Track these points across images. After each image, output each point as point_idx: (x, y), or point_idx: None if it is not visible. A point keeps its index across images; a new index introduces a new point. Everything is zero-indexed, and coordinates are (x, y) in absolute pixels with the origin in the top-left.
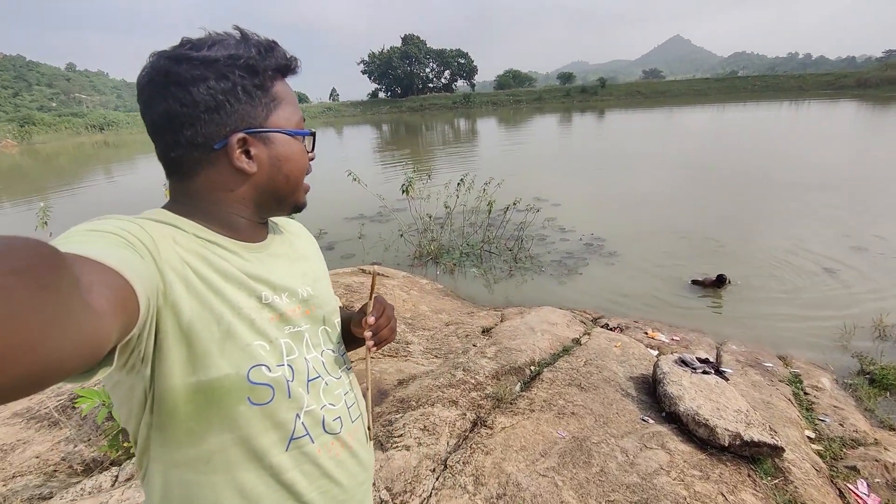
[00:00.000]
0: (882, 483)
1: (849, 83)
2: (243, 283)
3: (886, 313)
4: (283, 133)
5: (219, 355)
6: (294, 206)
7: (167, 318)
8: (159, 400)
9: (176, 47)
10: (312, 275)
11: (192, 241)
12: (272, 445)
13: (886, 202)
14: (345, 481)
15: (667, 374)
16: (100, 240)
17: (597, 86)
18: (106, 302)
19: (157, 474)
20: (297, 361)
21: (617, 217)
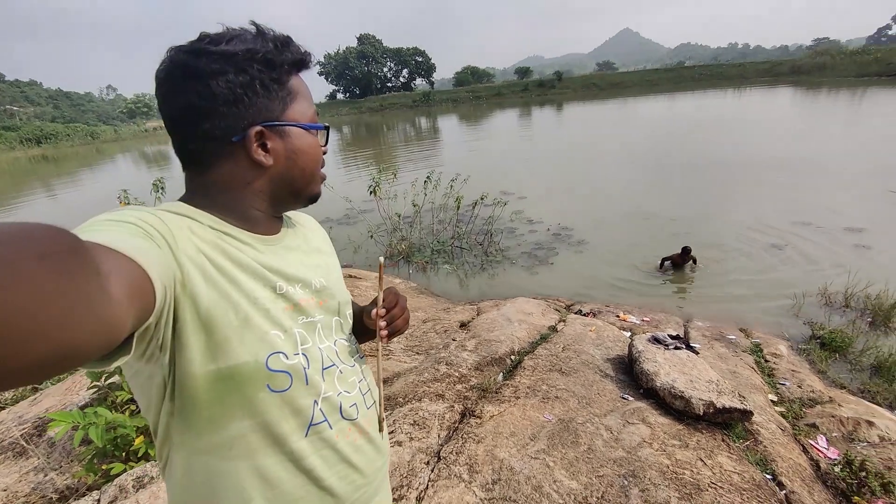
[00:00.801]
0: (839, 437)
1: (784, 70)
2: (258, 273)
3: (830, 282)
4: (299, 126)
5: (238, 343)
6: (310, 197)
7: (186, 308)
8: (180, 388)
9: (194, 42)
10: (325, 267)
11: (209, 232)
12: (292, 431)
13: (823, 179)
14: (363, 466)
15: (642, 353)
16: (119, 229)
17: (553, 79)
18: (123, 290)
19: (179, 462)
20: (311, 350)
21: (582, 206)
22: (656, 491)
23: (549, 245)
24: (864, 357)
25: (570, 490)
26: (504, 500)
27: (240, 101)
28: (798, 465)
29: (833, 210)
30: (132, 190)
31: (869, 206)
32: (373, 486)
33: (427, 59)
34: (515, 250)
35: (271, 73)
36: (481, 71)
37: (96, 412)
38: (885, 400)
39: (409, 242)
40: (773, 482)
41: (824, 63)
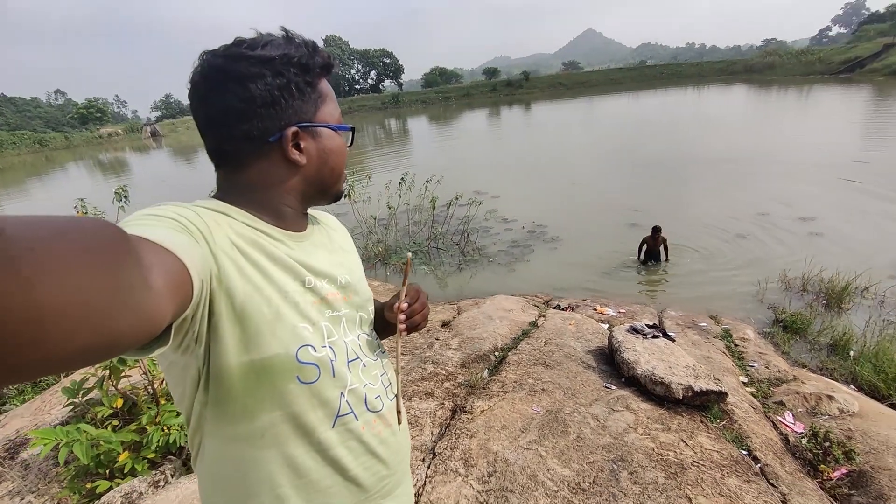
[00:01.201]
0: (804, 412)
1: (738, 69)
2: (290, 266)
3: (789, 268)
4: (330, 127)
5: (270, 335)
6: (335, 195)
7: (221, 301)
8: (215, 378)
9: (230, 46)
10: (349, 265)
11: (243, 227)
12: (319, 422)
13: (778, 172)
14: (387, 458)
15: (622, 343)
16: (160, 223)
17: (521, 79)
18: (163, 282)
19: (211, 450)
20: (337, 343)
21: (555, 203)
22: (644, 473)
23: (524, 243)
24: (822, 337)
25: (563, 477)
26: (501, 490)
27: (277, 103)
28: (770, 440)
29: (788, 201)
30: (90, 200)
31: (819, 196)
32: (396, 478)
33: (395, 60)
34: (492, 249)
35: (305, 76)
36: (449, 72)
37: (79, 428)
38: (841, 375)
39: (386, 245)
40: (748, 457)
41: (773, 62)
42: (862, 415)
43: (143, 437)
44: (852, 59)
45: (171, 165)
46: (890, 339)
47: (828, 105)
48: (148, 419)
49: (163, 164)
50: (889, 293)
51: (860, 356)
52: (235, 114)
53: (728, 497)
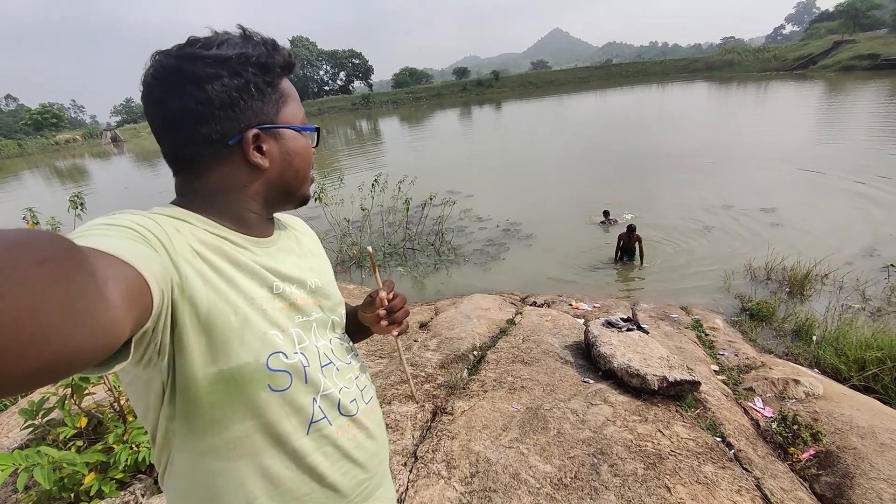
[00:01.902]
0: (772, 397)
1: (699, 67)
2: (256, 273)
3: (753, 258)
4: (293, 128)
5: (238, 344)
6: (301, 199)
7: (185, 311)
8: (182, 391)
9: (184, 46)
10: (319, 269)
11: (205, 234)
12: (293, 430)
13: (740, 165)
14: (364, 461)
15: (598, 337)
16: (115, 234)
17: (491, 79)
18: (120, 295)
19: (181, 466)
20: (308, 349)
21: (528, 201)
22: (623, 465)
23: (499, 241)
24: (786, 323)
25: (545, 474)
26: (484, 490)
27: (235, 104)
28: (742, 426)
29: (750, 193)
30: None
31: (778, 188)
32: (375, 480)
33: (364, 61)
34: (467, 248)
35: (265, 76)
36: (420, 72)
37: (39, 451)
38: (805, 360)
39: (360, 247)
40: (722, 444)
41: (732, 60)
42: (826, 397)
43: (111, 457)
44: (805, 56)
45: (133, 172)
46: (849, 324)
47: (785, 100)
48: (115, 438)
49: (125, 170)
50: (847, 279)
51: (822, 340)
52: (192, 116)
53: (705, 484)
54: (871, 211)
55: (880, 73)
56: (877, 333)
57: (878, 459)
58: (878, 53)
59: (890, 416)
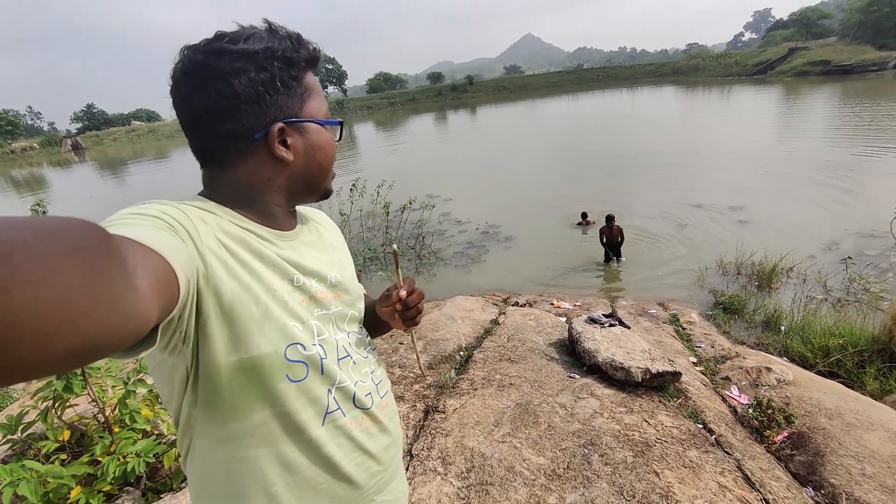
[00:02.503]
0: (747, 384)
1: (667, 71)
2: (278, 265)
3: (724, 254)
4: (317, 122)
5: (259, 334)
6: (324, 192)
7: (209, 301)
8: (204, 378)
9: (211, 41)
10: (339, 263)
11: (230, 226)
12: (310, 420)
13: (708, 165)
14: (378, 454)
15: (581, 333)
16: (144, 223)
17: (465, 83)
18: (148, 283)
19: (201, 451)
20: (327, 341)
21: (506, 204)
22: (613, 454)
23: (479, 243)
24: (757, 315)
25: (539, 465)
26: (481, 484)
27: (262, 98)
28: (721, 413)
29: (718, 192)
30: None
31: (745, 186)
32: (388, 473)
33: (338, 66)
34: (448, 251)
35: (290, 70)
36: (394, 77)
37: (23, 465)
38: (775, 349)
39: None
40: (704, 430)
41: (697, 65)
42: (796, 383)
43: (97, 469)
44: (764, 62)
45: (97, 180)
46: (813, 314)
47: (747, 103)
48: (102, 449)
49: (88, 179)
50: (809, 272)
51: (790, 330)
52: (219, 111)
53: (691, 468)
54: (829, 207)
55: (832, 77)
56: (838, 322)
57: (845, 438)
58: (829, 60)
59: (853, 397)
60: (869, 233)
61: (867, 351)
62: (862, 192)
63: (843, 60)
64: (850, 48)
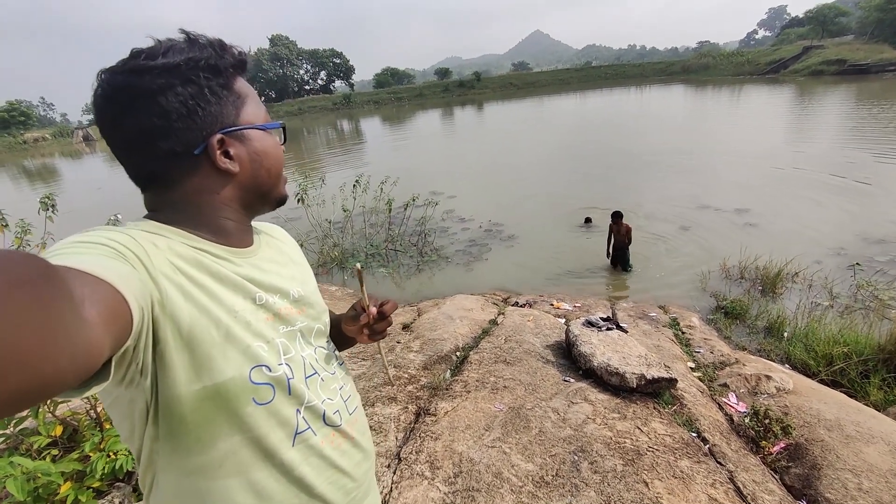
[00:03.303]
0: (745, 392)
1: (676, 70)
2: (237, 284)
3: (728, 257)
4: (256, 128)
5: (221, 359)
6: (277, 199)
7: (166, 328)
8: (166, 410)
9: (128, 60)
10: (301, 277)
11: (182, 248)
12: (279, 442)
13: (716, 166)
14: (351, 470)
15: (578, 337)
16: (91, 251)
17: (473, 79)
18: (98, 314)
19: (166, 486)
20: (294, 359)
21: (510, 201)
22: (603, 461)
23: (481, 241)
24: (759, 321)
25: (527, 472)
26: (467, 490)
27: (193, 112)
28: (717, 421)
29: (725, 193)
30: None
31: (752, 189)
32: (362, 489)
33: (345, 60)
34: (450, 249)
35: (218, 78)
36: (401, 72)
37: (12, 462)
38: (777, 356)
39: (342, 248)
40: (698, 439)
41: (708, 63)
42: (796, 391)
43: (87, 466)
44: (777, 61)
45: (107, 171)
46: (818, 321)
47: (758, 103)
48: (92, 446)
49: (98, 170)
50: (816, 277)
51: (793, 337)
52: (152, 132)
53: (681, 479)
54: (838, 211)
55: (847, 77)
56: (843, 330)
57: (843, 451)
58: (846, 59)
59: (855, 408)
60: (880, 239)
61: (872, 360)
62: (873, 197)
63: (859, 60)
64: (868, 47)
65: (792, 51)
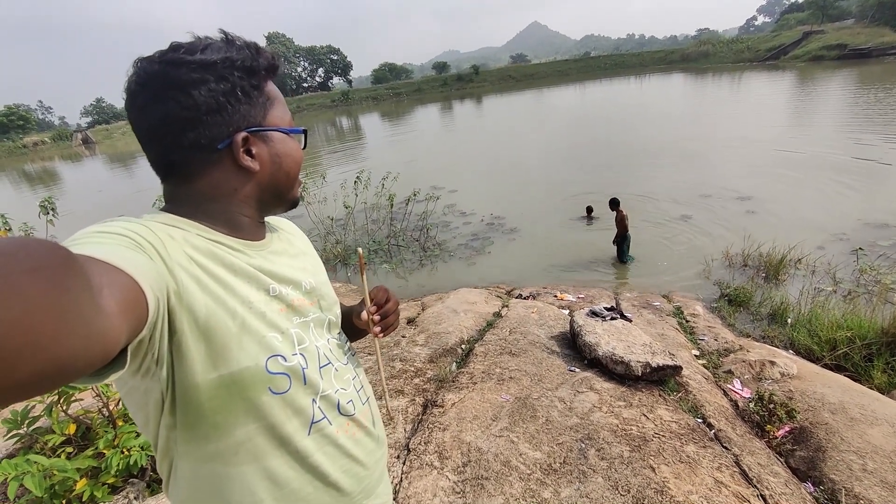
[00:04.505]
0: (749, 378)
1: (676, 58)
2: (252, 276)
3: (731, 245)
4: (281, 131)
5: (237, 349)
6: (291, 201)
7: (183, 318)
8: (182, 399)
9: (167, 52)
10: (312, 269)
11: (198, 240)
12: (295, 431)
13: (716, 154)
14: (364, 458)
15: (583, 327)
16: (109, 241)
17: (471, 73)
18: (115, 303)
19: (184, 473)
20: (308, 349)
21: (511, 194)
22: (610, 448)
23: (483, 235)
24: (763, 308)
25: (535, 460)
26: (476, 479)
27: (223, 108)
28: (722, 407)
29: (726, 182)
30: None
31: (753, 177)
32: (374, 477)
33: (342, 57)
34: (452, 243)
35: (251, 79)
36: (399, 67)
37: (28, 459)
38: (780, 342)
39: (345, 245)
40: (703, 424)
41: (707, 51)
42: (800, 376)
43: (102, 462)
44: (777, 47)
45: (107, 174)
46: (821, 306)
47: (758, 90)
48: (105, 443)
49: (98, 172)
50: (819, 263)
51: (796, 323)
52: (180, 122)
53: (687, 463)
54: (840, 197)
55: (848, 62)
56: (847, 315)
57: (847, 433)
58: (846, 44)
59: (859, 391)
60: (882, 223)
61: (876, 344)
62: (876, 182)
63: (860, 44)
64: (868, 30)
65: (792, 36)
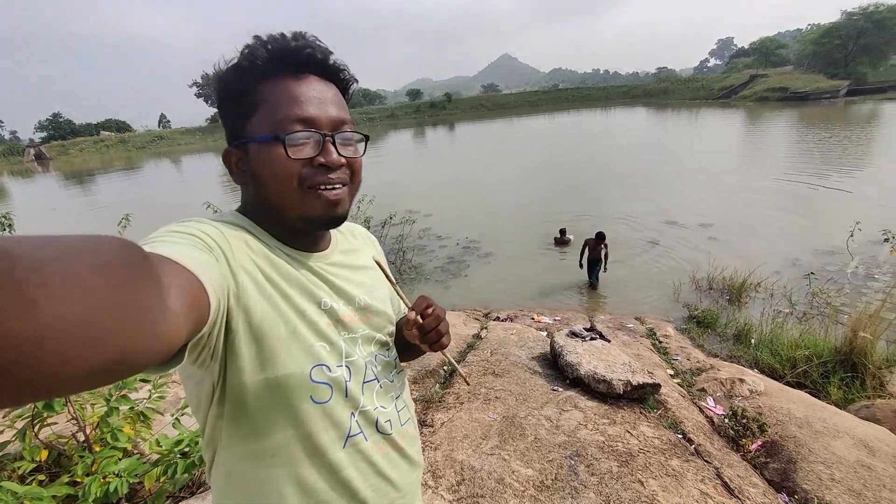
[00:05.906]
0: (722, 395)
1: (638, 93)
2: (305, 288)
3: (697, 269)
4: (251, 141)
5: (285, 354)
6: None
7: (239, 319)
8: (230, 394)
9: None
10: (371, 285)
11: (260, 245)
12: (331, 443)
13: (679, 184)
14: (396, 480)
15: (564, 347)
16: (181, 241)
17: (444, 100)
18: (181, 302)
19: (224, 464)
20: (355, 363)
21: (485, 219)
22: (599, 464)
23: (459, 258)
24: (728, 329)
25: (528, 477)
26: (472, 497)
27: (225, 120)
28: (699, 423)
29: (689, 209)
30: None
31: (713, 204)
32: (405, 500)
33: None
34: (428, 266)
35: (238, 82)
36: (373, 93)
37: (1, 486)
38: (746, 361)
39: None
40: (684, 440)
41: (667, 88)
42: (767, 393)
43: (78, 490)
44: (728, 87)
45: (61, 191)
46: (780, 327)
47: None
48: (83, 468)
49: (51, 190)
50: (776, 287)
51: (759, 343)
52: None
53: (673, 476)
54: (792, 225)
55: (790, 103)
56: (804, 334)
57: (814, 445)
58: (787, 87)
59: (820, 406)
60: (828, 250)
61: (830, 362)
62: (822, 212)
63: (799, 88)
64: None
65: (740, 78)
